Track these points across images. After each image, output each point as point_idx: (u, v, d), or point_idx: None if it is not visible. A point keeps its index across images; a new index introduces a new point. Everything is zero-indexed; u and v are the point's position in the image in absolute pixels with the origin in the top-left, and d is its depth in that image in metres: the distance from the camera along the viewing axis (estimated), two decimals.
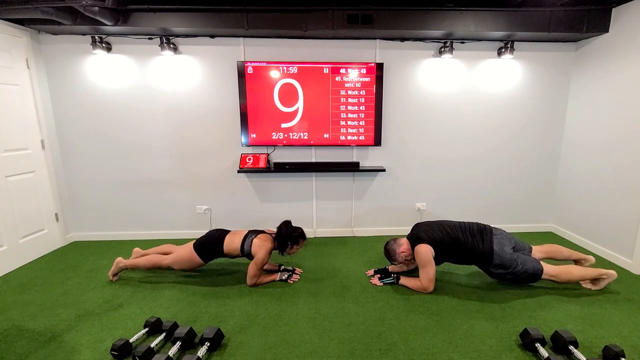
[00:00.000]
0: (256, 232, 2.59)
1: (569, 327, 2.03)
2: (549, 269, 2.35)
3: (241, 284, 2.58)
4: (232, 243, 2.54)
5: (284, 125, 3.31)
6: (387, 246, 2.56)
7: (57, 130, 3.29)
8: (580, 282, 2.50)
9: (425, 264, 2.37)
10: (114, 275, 2.63)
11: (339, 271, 2.81)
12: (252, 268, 2.48)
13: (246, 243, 2.52)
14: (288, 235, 2.56)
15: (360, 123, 3.35)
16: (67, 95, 3.23)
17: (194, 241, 2.61)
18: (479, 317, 2.15)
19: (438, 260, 2.42)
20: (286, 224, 2.60)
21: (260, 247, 2.48)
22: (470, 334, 1.98)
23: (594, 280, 2.44)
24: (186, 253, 2.57)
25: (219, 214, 3.58)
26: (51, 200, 3.25)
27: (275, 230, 2.62)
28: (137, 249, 2.79)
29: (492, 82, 3.42)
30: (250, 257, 2.54)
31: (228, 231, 2.64)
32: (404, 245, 2.50)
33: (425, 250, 2.35)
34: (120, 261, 2.60)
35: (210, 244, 2.57)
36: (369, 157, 3.53)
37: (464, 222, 2.52)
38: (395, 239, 2.58)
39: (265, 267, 2.77)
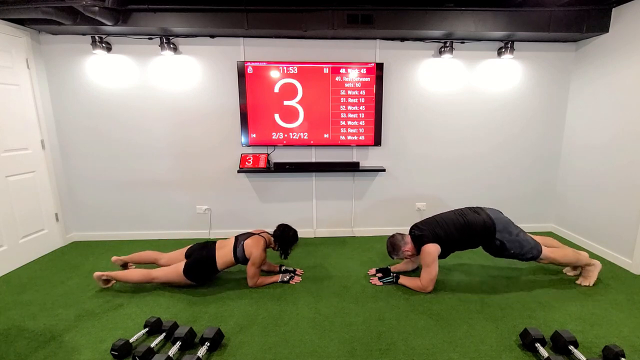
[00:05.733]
0: (244, 236, 2.52)
1: (569, 327, 2.03)
2: (546, 249, 2.45)
3: (241, 284, 2.58)
4: (224, 256, 2.45)
5: (283, 125, 3.31)
6: (393, 239, 2.54)
7: (57, 130, 3.29)
8: (566, 272, 2.69)
9: (430, 263, 2.37)
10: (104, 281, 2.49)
11: (339, 271, 2.80)
12: (250, 268, 2.46)
13: (238, 250, 2.46)
14: (287, 237, 2.56)
15: (360, 123, 3.35)
16: (67, 95, 3.23)
17: (183, 266, 2.41)
18: (479, 317, 2.15)
19: (445, 254, 2.44)
20: (281, 226, 2.61)
21: (253, 246, 2.44)
22: (470, 334, 1.98)
23: (585, 274, 2.55)
24: (175, 275, 2.42)
25: (219, 214, 3.58)
26: (51, 200, 3.24)
27: (262, 230, 2.62)
28: (115, 258, 2.65)
29: (492, 82, 3.41)
30: (246, 262, 2.49)
31: (214, 245, 2.52)
32: (409, 244, 2.50)
33: (432, 250, 2.35)
34: (101, 275, 2.46)
35: (202, 265, 2.43)
36: (369, 157, 3.53)
37: (455, 209, 2.57)
38: (402, 234, 2.57)
39: (266, 268, 2.76)
